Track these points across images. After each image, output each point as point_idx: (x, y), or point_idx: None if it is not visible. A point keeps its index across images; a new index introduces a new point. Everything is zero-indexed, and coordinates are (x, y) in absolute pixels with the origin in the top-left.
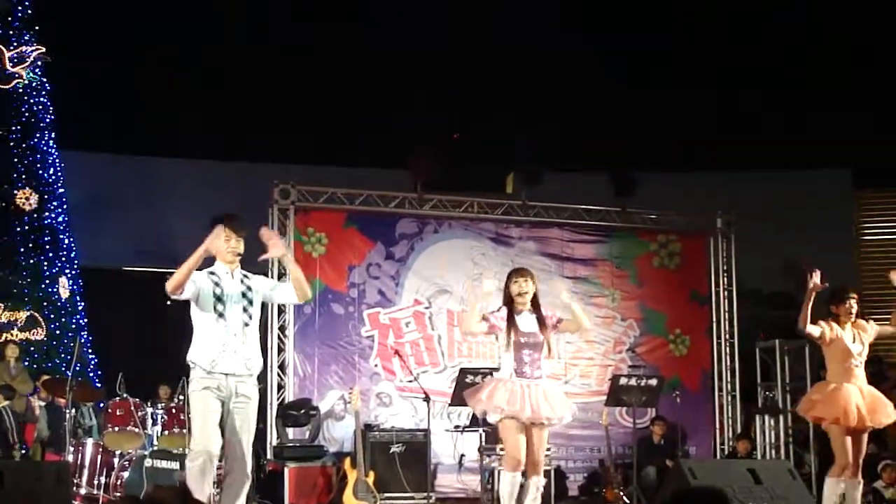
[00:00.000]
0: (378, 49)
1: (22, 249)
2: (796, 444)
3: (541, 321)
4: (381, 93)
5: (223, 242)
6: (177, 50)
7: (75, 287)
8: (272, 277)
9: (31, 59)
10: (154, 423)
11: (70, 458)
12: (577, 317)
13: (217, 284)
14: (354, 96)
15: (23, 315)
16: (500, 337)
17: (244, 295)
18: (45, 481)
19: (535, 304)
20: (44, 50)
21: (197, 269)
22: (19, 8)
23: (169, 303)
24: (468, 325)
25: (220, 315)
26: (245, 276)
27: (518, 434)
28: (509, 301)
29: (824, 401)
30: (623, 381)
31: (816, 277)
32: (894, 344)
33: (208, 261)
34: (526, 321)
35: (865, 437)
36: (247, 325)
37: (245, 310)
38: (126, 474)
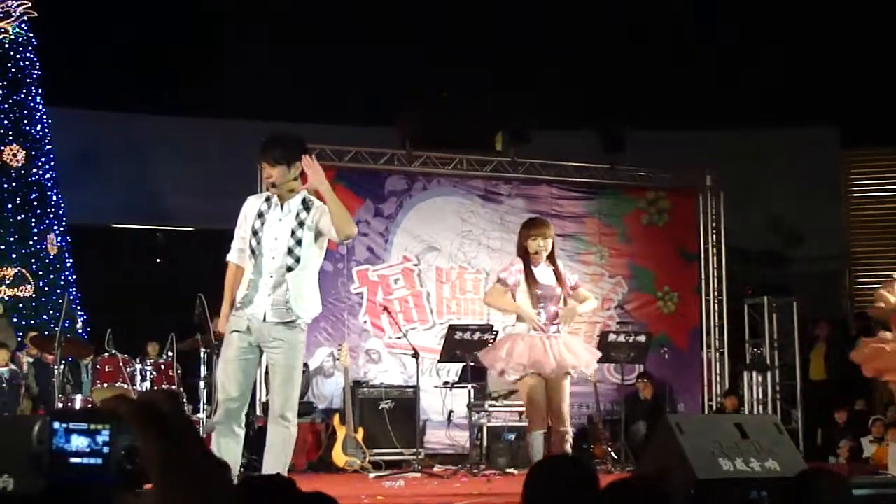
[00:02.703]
0: (368, 4)
1: (10, 206)
2: (784, 401)
3: (557, 274)
4: (370, 49)
5: (262, 172)
6: (163, 5)
7: (63, 244)
8: None
9: (17, 14)
10: (143, 380)
11: None
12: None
13: (261, 216)
14: (344, 52)
15: (11, 272)
16: (517, 292)
17: (293, 233)
18: (29, 436)
19: (552, 257)
20: (29, 4)
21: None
22: None
23: (158, 260)
24: (498, 304)
25: (253, 252)
26: (305, 207)
27: (541, 391)
28: (524, 253)
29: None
30: (612, 337)
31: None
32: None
33: None
34: (543, 273)
35: None
36: (290, 269)
37: (290, 251)
38: None
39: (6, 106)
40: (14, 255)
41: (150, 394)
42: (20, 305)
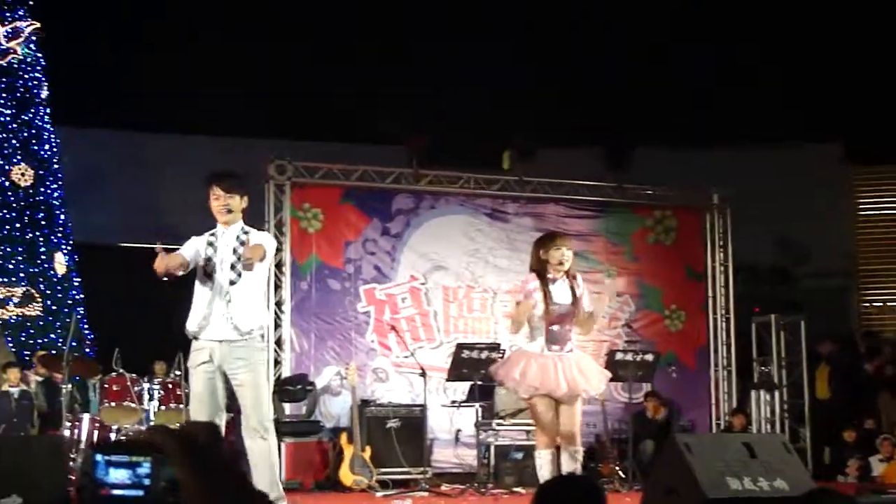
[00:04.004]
0: (375, 24)
1: (18, 225)
2: (792, 419)
3: (574, 291)
4: (378, 68)
5: (213, 202)
6: (172, 26)
7: (71, 262)
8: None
9: (26, 34)
10: (150, 399)
11: (66, 433)
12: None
13: (211, 245)
14: (351, 71)
15: (18, 291)
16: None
17: (234, 251)
18: (38, 456)
19: (569, 272)
20: (38, 25)
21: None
22: None
23: (165, 279)
24: (521, 321)
25: (208, 277)
26: (244, 231)
27: (550, 411)
28: (542, 266)
29: None
30: (619, 356)
31: None
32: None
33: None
34: (560, 290)
35: None
36: (233, 283)
37: (233, 266)
38: None
39: (14, 126)
40: (22, 274)
41: (189, 426)
42: (27, 325)
